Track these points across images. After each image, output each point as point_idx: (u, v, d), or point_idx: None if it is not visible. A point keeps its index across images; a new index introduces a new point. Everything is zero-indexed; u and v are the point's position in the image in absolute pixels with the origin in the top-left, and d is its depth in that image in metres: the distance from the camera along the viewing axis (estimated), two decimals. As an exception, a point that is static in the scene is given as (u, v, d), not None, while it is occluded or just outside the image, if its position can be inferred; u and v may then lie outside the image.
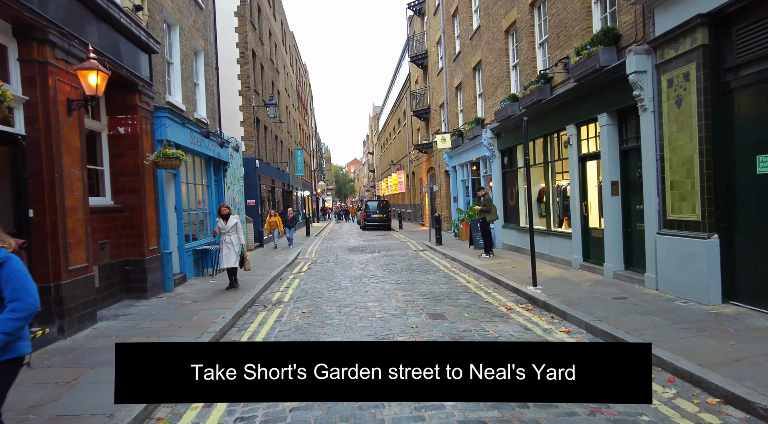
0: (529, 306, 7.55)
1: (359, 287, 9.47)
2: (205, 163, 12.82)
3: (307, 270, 12.63)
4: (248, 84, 19.36)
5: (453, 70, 19.89)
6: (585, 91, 8.89)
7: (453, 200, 20.95)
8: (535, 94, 10.69)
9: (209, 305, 8.00)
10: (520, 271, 10.18)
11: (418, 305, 7.58)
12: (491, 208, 12.62)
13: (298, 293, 9.28)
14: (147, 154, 8.46)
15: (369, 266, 12.80)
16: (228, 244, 9.18)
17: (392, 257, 14.71)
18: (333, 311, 7.41)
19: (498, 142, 14.36)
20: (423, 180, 28.23)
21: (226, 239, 9.21)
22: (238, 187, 16.57)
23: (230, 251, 9.16)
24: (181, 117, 10.06)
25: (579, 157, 9.69)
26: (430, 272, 11.20)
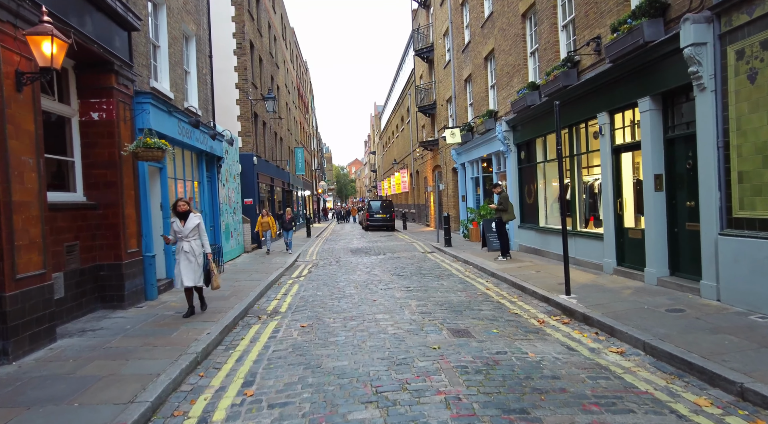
0: (564, 319, 6.49)
1: (366, 295, 8.41)
2: (197, 157, 11.78)
3: (308, 274, 11.58)
4: (245, 76, 18.34)
5: (462, 61, 18.84)
6: (622, 73, 7.84)
7: (461, 199, 19.89)
8: (560, 79, 9.64)
9: (195, 316, 6.94)
10: (545, 276, 9.13)
11: (436, 318, 6.52)
12: (508, 207, 11.56)
13: (297, 302, 8.23)
14: (125, 144, 7.42)
15: (375, 269, 11.74)
16: (187, 253, 6.73)
17: (399, 259, 13.65)
18: (337, 325, 6.35)
19: (514, 135, 13.30)
20: (428, 179, 27.18)
21: (184, 246, 6.73)
22: (234, 184, 15.54)
23: (191, 264, 6.74)
24: (168, 104, 9.03)
25: (612, 148, 8.64)
26: (444, 277, 10.14)
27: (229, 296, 8.56)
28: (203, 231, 6.94)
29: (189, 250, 6.77)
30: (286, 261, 13.72)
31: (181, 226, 6.79)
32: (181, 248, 6.79)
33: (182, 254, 6.76)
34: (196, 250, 6.82)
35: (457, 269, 11.41)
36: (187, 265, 6.74)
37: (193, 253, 6.78)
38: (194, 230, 6.83)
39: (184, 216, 6.81)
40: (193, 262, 6.77)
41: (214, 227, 12.84)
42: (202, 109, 12.31)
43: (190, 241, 6.81)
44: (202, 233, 6.93)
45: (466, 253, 13.55)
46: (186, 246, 6.78)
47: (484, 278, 10.01)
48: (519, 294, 8.23)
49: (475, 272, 10.75)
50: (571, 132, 10.26)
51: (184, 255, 6.75)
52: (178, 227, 6.79)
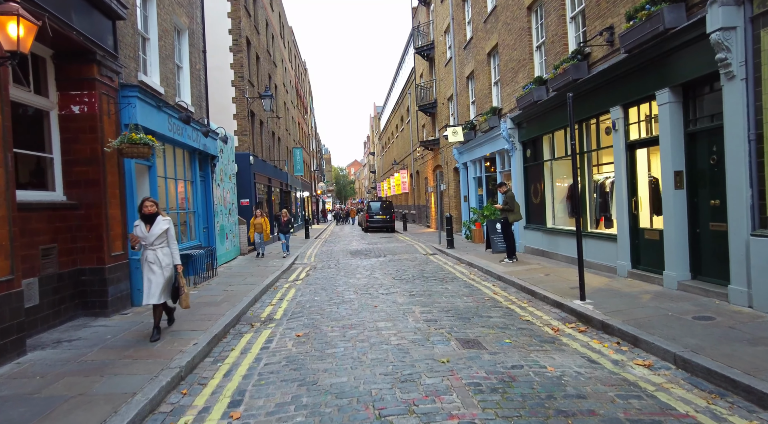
0: (581, 326, 6.01)
1: (366, 300, 7.92)
2: (189, 155, 11.29)
3: (305, 278, 11.09)
4: (242, 74, 17.87)
5: (463, 58, 18.39)
6: (638, 64, 7.37)
7: (463, 200, 19.42)
8: (570, 73, 9.17)
9: (183, 324, 6.46)
10: (555, 280, 8.64)
11: (442, 326, 6.04)
12: (515, 207, 11.09)
13: (293, 308, 7.74)
14: (109, 139, 6.93)
15: (375, 272, 11.26)
16: (151, 264, 5.64)
17: (400, 262, 13.17)
18: (335, 335, 5.86)
19: (519, 132, 12.83)
20: (429, 179, 26.71)
21: (148, 255, 5.65)
22: (230, 185, 15.05)
23: (156, 277, 5.62)
24: (157, 99, 8.54)
25: (626, 144, 8.17)
26: (447, 281, 9.65)
27: (221, 301, 8.07)
28: (173, 238, 5.85)
29: (154, 260, 5.66)
30: (283, 264, 13.23)
31: (146, 231, 5.67)
32: (144, 258, 5.68)
33: (146, 265, 5.66)
34: (162, 260, 5.70)
35: (461, 271, 10.92)
36: (152, 279, 5.62)
37: (159, 264, 5.67)
38: (162, 237, 5.73)
39: (151, 219, 5.73)
40: (157, 274, 5.64)
41: (207, 229, 12.35)
42: (196, 106, 11.84)
43: (156, 249, 5.70)
44: (172, 241, 5.84)
45: (470, 255, 13.07)
46: (150, 255, 5.67)
47: (490, 281, 9.52)
48: (529, 299, 7.74)
49: (481, 275, 10.27)
50: (581, 128, 9.79)
51: (147, 266, 5.64)
52: (142, 232, 5.67)
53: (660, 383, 4.10)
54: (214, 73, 17.58)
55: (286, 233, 15.28)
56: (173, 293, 5.89)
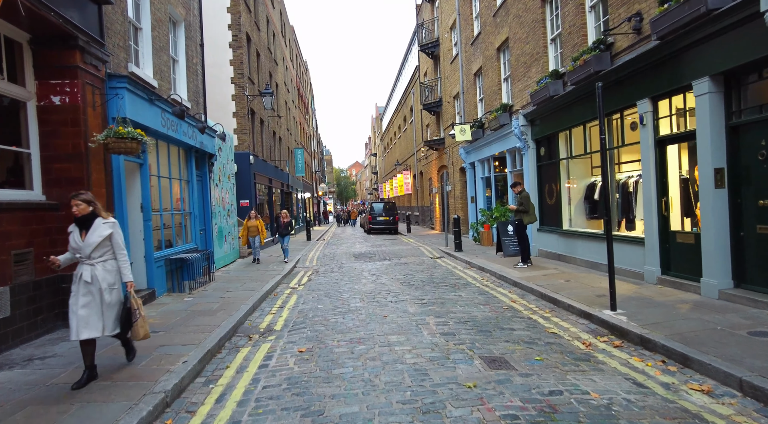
0: (615, 341, 5.38)
1: (374, 309, 7.29)
2: (185, 153, 10.68)
3: (307, 283, 10.47)
4: (241, 70, 17.28)
5: (471, 55, 17.78)
6: (672, 52, 6.75)
7: (470, 201, 18.79)
8: (592, 64, 8.55)
9: (173, 336, 5.84)
10: (577, 286, 8.01)
11: (462, 341, 5.40)
12: (529, 208, 10.46)
13: (294, 317, 7.12)
14: (94, 133, 6.32)
15: (381, 277, 10.63)
16: (88, 285, 4.24)
17: (407, 265, 12.54)
18: (342, 351, 5.23)
19: (532, 130, 12.21)
20: (433, 180, 26.09)
21: (83, 273, 4.28)
22: (228, 185, 14.45)
23: (92, 301, 4.23)
24: (149, 92, 7.94)
25: (656, 140, 7.54)
26: (460, 287, 9.02)
27: (216, 309, 7.45)
28: (120, 246, 4.44)
29: (91, 278, 4.23)
30: (284, 268, 12.62)
31: (80, 239, 4.29)
32: (78, 277, 4.28)
33: (80, 286, 4.24)
34: (103, 279, 4.27)
35: (472, 277, 10.29)
36: (88, 304, 4.20)
37: (98, 283, 4.24)
38: (103, 247, 4.32)
39: (86, 223, 4.31)
40: (95, 298, 4.22)
41: (205, 231, 11.74)
42: (192, 102, 11.23)
43: (96, 264, 4.28)
44: (119, 250, 4.43)
45: (480, 258, 12.43)
46: (86, 272, 4.24)
47: (505, 287, 8.89)
48: (551, 308, 7.11)
49: (494, 281, 9.64)
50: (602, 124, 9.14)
51: (83, 287, 4.22)
52: (75, 240, 4.30)
53: (729, 416, 3.48)
54: (213, 69, 17.01)
55: (285, 235, 14.00)
56: (123, 319, 4.47)
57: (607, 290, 7.48)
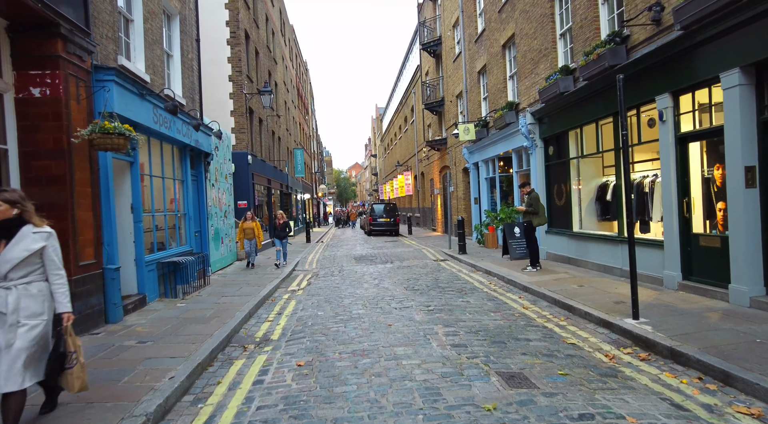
0: (641, 353, 4.95)
1: (378, 317, 6.85)
2: (179, 152, 10.24)
3: (307, 287, 10.02)
4: (240, 68, 16.85)
5: (474, 52, 17.37)
6: (697, 42, 6.33)
7: (474, 202, 18.36)
8: (606, 58, 8.13)
9: (162, 348, 5.40)
10: (592, 292, 7.58)
11: (475, 354, 4.96)
12: (539, 210, 10.02)
13: (293, 325, 6.67)
14: (78, 128, 5.89)
15: (384, 281, 10.18)
16: (3, 316, 3.18)
17: (410, 269, 12.09)
18: (344, 365, 4.79)
19: (540, 128, 11.78)
20: (435, 180, 25.67)
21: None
22: (226, 185, 14.01)
23: (12, 338, 3.16)
24: (139, 86, 7.50)
25: (677, 137, 7.11)
26: (467, 292, 8.58)
27: (210, 317, 7.01)
28: (55, 265, 3.38)
29: (10, 307, 3.17)
30: (282, 271, 12.17)
31: None
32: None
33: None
34: (22, 309, 3.20)
35: (479, 281, 9.85)
36: (7, 341, 3.14)
37: (17, 314, 3.19)
38: (27, 264, 3.27)
39: (7, 231, 3.26)
40: (12, 334, 3.15)
41: (200, 233, 11.30)
42: (187, 99, 10.80)
43: (12, 287, 3.21)
44: (54, 270, 3.37)
45: (486, 261, 12.00)
46: (1, 299, 3.19)
47: (515, 293, 8.45)
48: (566, 315, 6.67)
49: (503, 286, 9.19)
50: (616, 122, 8.73)
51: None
52: None
53: (788, 446, 3.04)
54: (211, 67, 16.58)
55: (282, 238, 12.97)
56: (52, 365, 3.35)
57: (625, 296, 7.10)
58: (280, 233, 13.06)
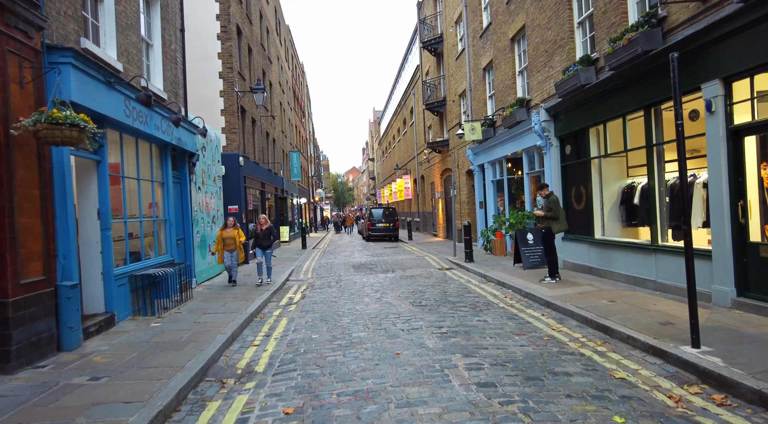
0: (714, 394, 3.95)
1: (383, 342, 5.82)
2: (159, 151, 9.23)
3: (301, 300, 9.00)
4: (231, 64, 15.86)
5: (479, 49, 16.44)
6: (761, 17, 5.37)
7: (479, 206, 17.37)
8: (640, 43, 7.17)
9: (118, 387, 4.37)
10: (626, 309, 6.58)
11: (509, 397, 3.94)
12: (560, 215, 9.04)
13: (282, 352, 5.65)
14: (20, 118, 4.87)
15: (387, 294, 9.16)
16: None
17: (414, 279, 11.07)
18: (345, 415, 3.75)
19: (556, 126, 10.82)
20: (436, 184, 24.69)
21: None
22: (214, 188, 13.00)
23: None
24: (105, 72, 6.50)
25: (729, 130, 6.14)
26: (482, 308, 7.57)
27: (186, 341, 5.98)
28: None
29: None
30: (276, 281, 11.14)
31: None
32: None
33: None
34: None
35: (492, 294, 8.85)
36: None
37: None
38: None
39: None
40: None
41: (183, 241, 10.27)
42: (169, 93, 9.80)
43: None
44: None
45: (497, 271, 10.99)
46: None
47: (536, 309, 7.45)
48: (603, 339, 5.67)
49: (520, 300, 8.19)
50: (648, 116, 7.77)
51: None
52: None
53: None
54: (200, 63, 15.61)
55: (266, 248, 10.67)
56: None
57: (669, 314, 6.12)
58: (262, 241, 10.67)
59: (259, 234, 10.76)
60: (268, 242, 10.73)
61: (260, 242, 10.74)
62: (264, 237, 10.72)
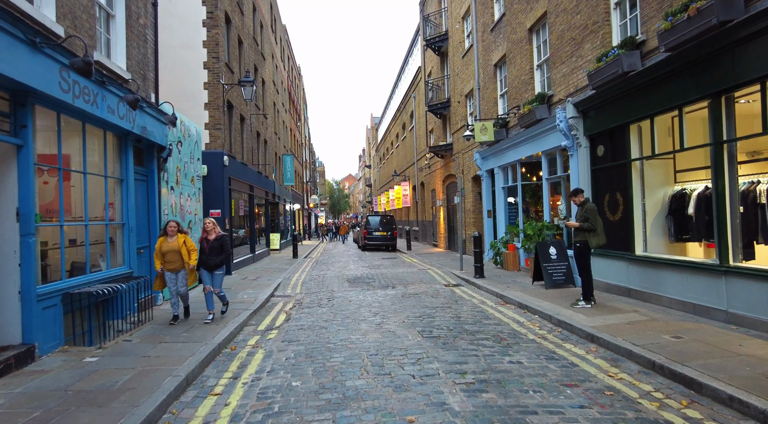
0: None
1: (388, 400, 4.24)
2: (117, 141, 7.69)
3: (284, 324, 7.43)
4: (217, 54, 14.36)
5: (490, 43, 15.05)
6: None
7: (487, 215, 15.88)
8: (715, 11, 5.73)
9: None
10: (703, 349, 5.06)
11: None
12: (598, 225, 7.55)
13: (248, 412, 4.07)
14: None
15: (388, 319, 7.59)
16: None
17: (419, 298, 9.51)
18: None
19: (585, 123, 9.37)
20: (437, 191, 23.21)
21: None
22: (192, 189, 11.44)
23: None
24: (28, 29, 4.97)
25: None
26: (508, 342, 6.03)
27: (120, 389, 4.40)
28: None
29: None
30: (259, 297, 9.58)
31: None
32: None
33: None
34: None
35: (516, 320, 7.32)
36: None
37: None
38: None
39: None
40: None
41: (148, 249, 8.69)
42: (136, 74, 8.27)
43: None
44: None
45: (514, 290, 9.47)
46: None
47: (576, 343, 5.92)
48: (688, 396, 4.15)
49: (551, 329, 6.66)
50: (716, 106, 6.31)
51: None
52: None
53: None
54: (183, 51, 14.14)
55: (215, 268, 7.47)
56: None
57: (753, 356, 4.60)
58: (209, 258, 7.38)
59: (205, 248, 7.42)
60: (217, 259, 7.39)
61: (206, 260, 7.37)
62: (212, 252, 7.39)
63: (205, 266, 7.45)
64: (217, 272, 7.54)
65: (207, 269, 7.47)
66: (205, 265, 7.44)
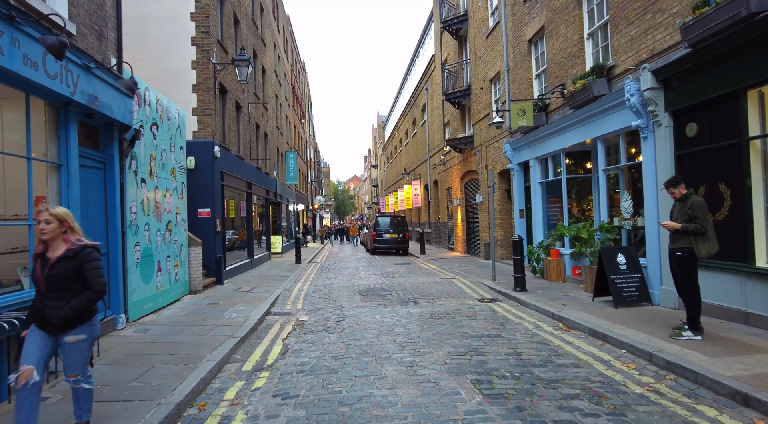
0: None
1: None
2: (52, 112, 5.70)
3: (279, 362, 5.39)
4: (207, 28, 12.39)
5: (522, 17, 13.00)
6: None
7: (519, 215, 13.80)
8: None
9: None
10: None
11: None
12: (708, 227, 5.47)
13: None
14: None
15: (422, 357, 5.52)
16: None
17: (453, 320, 7.45)
18: None
19: (668, 96, 7.28)
20: (454, 189, 21.15)
21: None
22: (172, 184, 9.45)
23: None
24: None
25: None
26: (615, 404, 3.96)
27: None
28: None
29: None
30: (251, 316, 7.59)
31: None
32: None
33: None
34: None
35: (597, 357, 5.25)
36: None
37: None
38: None
39: None
40: None
41: (106, 257, 6.70)
42: (85, 28, 6.29)
43: None
44: None
45: (574, 309, 7.40)
46: None
47: (718, 406, 3.85)
48: None
49: (656, 373, 4.59)
50: None
51: None
52: None
53: None
54: (167, 24, 12.21)
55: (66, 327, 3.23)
56: None
57: None
58: (48, 297, 3.22)
59: (40, 277, 3.26)
60: (60, 300, 3.24)
61: (42, 307, 3.24)
62: (54, 285, 3.25)
63: (40, 319, 3.27)
64: (69, 333, 3.27)
65: (40, 325, 3.27)
66: (41, 317, 3.26)
